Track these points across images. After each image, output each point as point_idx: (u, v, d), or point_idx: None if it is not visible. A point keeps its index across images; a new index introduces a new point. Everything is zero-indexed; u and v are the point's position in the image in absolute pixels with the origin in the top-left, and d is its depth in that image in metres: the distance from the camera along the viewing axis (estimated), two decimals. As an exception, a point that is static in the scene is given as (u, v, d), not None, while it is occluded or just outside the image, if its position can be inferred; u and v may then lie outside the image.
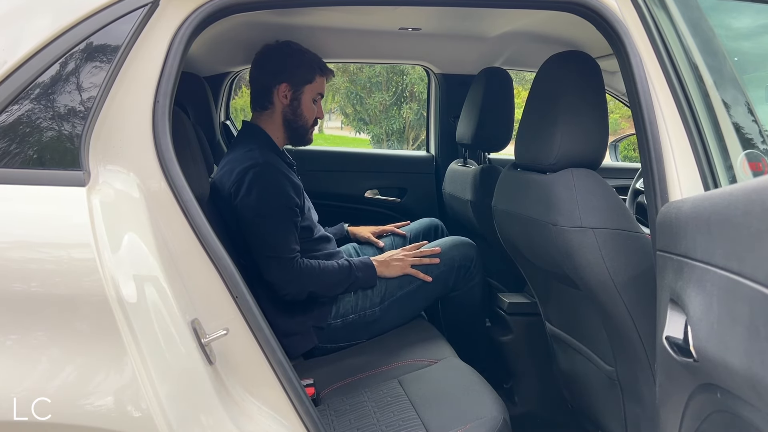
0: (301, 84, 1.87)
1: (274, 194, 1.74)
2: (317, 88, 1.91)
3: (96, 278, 0.88)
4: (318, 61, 1.91)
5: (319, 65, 1.91)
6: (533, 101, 1.42)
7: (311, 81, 1.89)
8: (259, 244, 1.72)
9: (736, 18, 1.33)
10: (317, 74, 1.90)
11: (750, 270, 0.71)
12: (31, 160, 0.97)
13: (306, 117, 1.91)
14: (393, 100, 11.41)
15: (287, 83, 1.86)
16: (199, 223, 1.03)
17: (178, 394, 0.91)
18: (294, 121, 1.90)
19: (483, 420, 1.34)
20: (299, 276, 1.72)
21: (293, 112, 1.89)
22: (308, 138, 1.97)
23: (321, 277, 1.76)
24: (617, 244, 1.22)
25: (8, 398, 0.86)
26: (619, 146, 3.58)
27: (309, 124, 1.93)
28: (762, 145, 1.07)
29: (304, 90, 1.88)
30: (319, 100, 1.94)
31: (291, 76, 1.87)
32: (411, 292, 1.88)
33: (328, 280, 1.78)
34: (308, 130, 1.94)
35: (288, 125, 1.91)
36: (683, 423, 0.94)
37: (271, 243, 1.71)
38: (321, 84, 1.92)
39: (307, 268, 1.74)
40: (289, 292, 1.73)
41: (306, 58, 1.90)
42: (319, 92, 1.92)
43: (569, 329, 1.56)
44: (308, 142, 2.00)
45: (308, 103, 1.90)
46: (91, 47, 1.00)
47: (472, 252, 1.97)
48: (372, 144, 12.11)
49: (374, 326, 1.86)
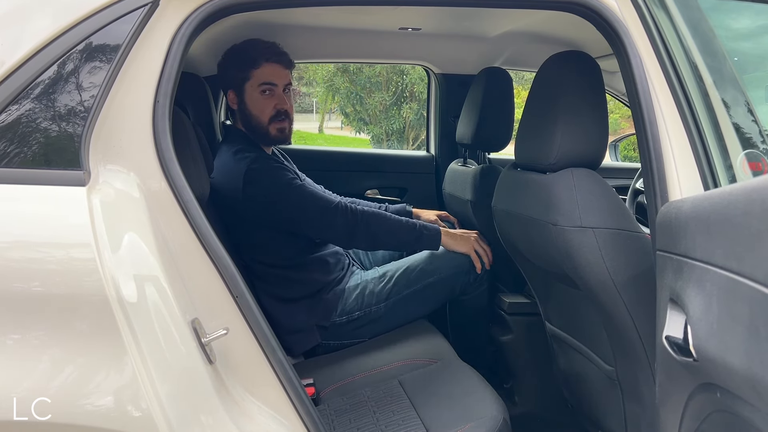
0: (240, 85, 1.80)
1: (280, 176, 1.73)
2: (258, 80, 1.78)
3: (96, 278, 0.88)
4: (251, 55, 1.78)
5: (251, 59, 1.78)
6: (533, 101, 1.42)
7: (248, 78, 1.78)
8: (306, 213, 1.71)
9: (735, 19, 1.33)
10: (250, 69, 1.78)
11: (750, 269, 0.71)
12: (32, 160, 0.97)
13: (256, 115, 1.80)
14: (393, 100, 11.41)
15: (231, 89, 1.83)
16: (199, 222, 1.03)
17: (178, 393, 0.91)
18: (249, 123, 1.83)
19: (483, 420, 1.34)
20: (362, 217, 1.71)
21: (244, 114, 1.83)
22: (273, 135, 1.82)
23: (386, 221, 1.74)
24: (617, 244, 1.22)
25: (8, 398, 0.86)
26: (619, 146, 3.58)
27: (264, 120, 1.81)
28: (762, 145, 1.07)
29: (246, 89, 1.80)
30: (274, 90, 1.80)
31: (229, 81, 1.83)
32: (418, 291, 1.86)
33: (394, 225, 1.75)
34: (266, 128, 1.81)
35: (247, 127, 1.84)
36: (683, 423, 0.94)
37: (314, 203, 1.71)
38: (262, 75, 1.78)
39: (366, 212, 1.73)
40: (359, 239, 1.73)
41: (237, 57, 1.80)
42: (264, 82, 1.78)
43: (569, 329, 1.56)
44: (279, 141, 1.86)
45: (254, 100, 1.80)
46: (91, 47, 1.00)
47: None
48: (372, 144, 12.11)
49: (378, 324, 1.85)
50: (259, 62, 1.79)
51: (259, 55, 1.79)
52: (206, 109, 2.33)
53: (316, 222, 1.72)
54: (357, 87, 11.56)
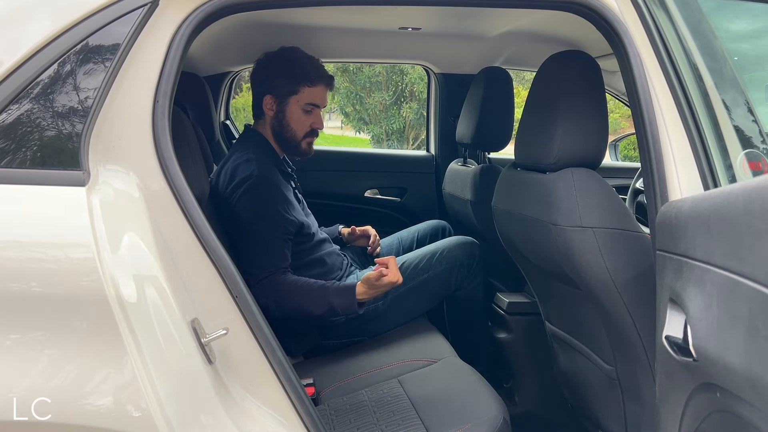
0: (285, 96, 1.83)
1: (263, 209, 1.70)
2: (306, 99, 1.83)
3: (96, 278, 0.88)
4: (307, 72, 1.83)
5: (307, 76, 1.82)
6: (533, 101, 1.42)
7: (296, 92, 1.82)
8: (243, 253, 1.68)
9: (732, 21, 1.33)
10: (303, 85, 1.82)
11: (750, 269, 0.71)
12: (31, 160, 0.97)
13: (293, 129, 1.85)
14: (393, 100, 11.40)
15: (271, 95, 1.83)
16: (198, 222, 1.03)
17: (178, 393, 0.91)
18: (281, 133, 1.86)
19: (483, 419, 1.34)
20: (272, 291, 1.65)
21: (279, 124, 1.85)
22: (302, 149, 1.89)
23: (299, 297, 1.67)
24: (617, 244, 1.22)
25: (8, 398, 0.86)
26: (619, 146, 3.58)
27: (299, 136, 1.86)
28: (762, 145, 1.07)
29: (289, 101, 1.83)
30: (314, 111, 1.86)
31: (273, 88, 1.83)
32: (414, 288, 1.87)
33: (302, 299, 1.66)
34: (299, 142, 1.87)
35: (277, 136, 1.87)
36: (683, 422, 0.94)
37: (248, 258, 1.67)
38: (312, 94, 1.84)
39: (283, 284, 1.66)
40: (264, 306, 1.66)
41: (291, 67, 1.83)
42: (310, 102, 1.84)
43: (569, 329, 1.56)
44: (303, 154, 1.91)
45: (295, 115, 1.84)
46: (91, 47, 1.00)
47: (475, 250, 1.97)
48: (372, 144, 12.10)
49: (377, 323, 1.86)
50: (316, 82, 1.84)
51: (316, 75, 1.84)
52: (206, 109, 2.33)
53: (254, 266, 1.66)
54: (357, 87, 11.55)
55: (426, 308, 1.97)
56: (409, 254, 2.01)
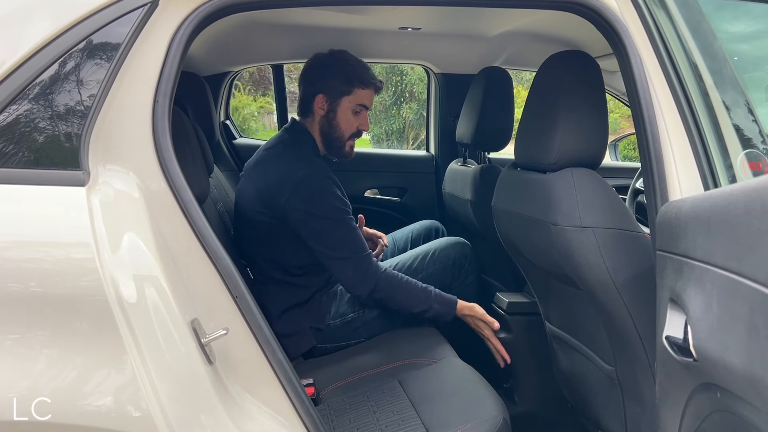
0: (337, 96, 1.87)
1: (333, 199, 1.75)
2: (357, 100, 1.89)
3: (95, 278, 0.88)
4: (359, 74, 1.88)
5: (360, 78, 1.88)
6: (533, 101, 1.41)
7: (348, 93, 1.87)
8: (333, 247, 1.72)
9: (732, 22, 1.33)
10: (356, 86, 1.87)
11: (749, 269, 0.71)
12: (31, 160, 0.97)
13: (342, 128, 1.90)
14: (393, 100, 11.41)
15: (323, 94, 1.87)
16: (198, 223, 1.03)
17: (177, 393, 0.91)
18: (329, 132, 1.90)
19: (483, 419, 1.34)
20: (376, 276, 1.72)
21: (329, 123, 1.89)
22: (345, 151, 1.94)
23: (399, 287, 1.75)
24: (617, 244, 1.22)
25: (8, 398, 0.86)
26: (619, 146, 3.58)
27: (345, 136, 1.91)
28: (762, 145, 1.07)
29: (341, 102, 1.87)
30: (362, 112, 1.92)
31: (326, 87, 1.87)
32: None
33: (405, 292, 1.76)
34: (344, 143, 1.92)
35: (324, 135, 1.91)
36: (683, 422, 0.94)
37: (348, 243, 1.72)
38: (362, 96, 1.89)
39: (386, 273, 1.75)
40: (362, 293, 1.73)
41: (345, 69, 1.88)
42: (360, 104, 1.90)
43: (569, 329, 1.56)
44: (346, 156, 1.96)
45: (345, 115, 1.89)
46: (91, 47, 1.00)
47: (467, 250, 2.00)
48: (372, 144, 12.10)
49: (373, 324, 1.86)
50: (368, 85, 1.90)
51: (368, 77, 1.90)
52: (206, 109, 2.33)
53: (338, 260, 1.73)
54: (357, 87, 11.54)
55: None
56: (402, 255, 2.03)
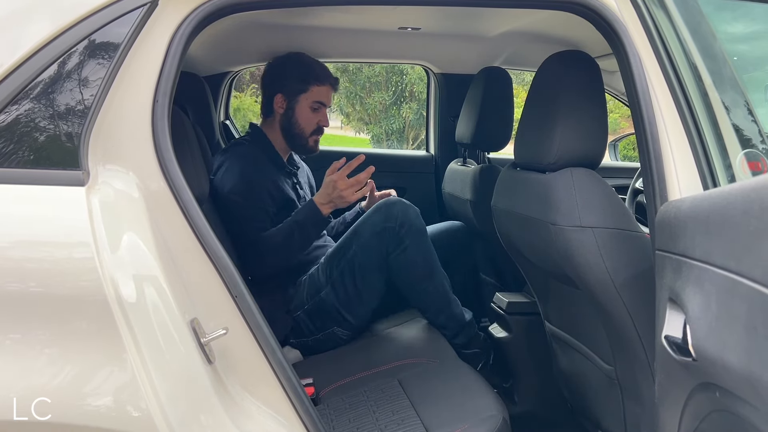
0: (294, 94, 1.97)
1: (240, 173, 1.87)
2: (314, 97, 1.98)
3: (95, 278, 0.88)
4: (315, 71, 1.98)
5: (315, 75, 1.97)
6: (532, 101, 1.42)
7: (305, 90, 1.97)
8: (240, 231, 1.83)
9: (731, 23, 1.33)
10: (312, 84, 1.97)
11: (748, 269, 0.71)
12: (31, 160, 0.97)
13: (302, 125, 1.99)
14: (393, 100, 11.42)
15: (281, 93, 1.98)
16: (198, 222, 1.03)
17: (177, 393, 0.91)
18: (290, 129, 2.00)
19: (482, 419, 1.34)
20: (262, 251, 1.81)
21: (289, 121, 1.99)
22: (309, 146, 2.04)
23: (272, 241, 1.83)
24: (617, 244, 1.22)
25: (8, 398, 0.86)
26: (618, 146, 3.58)
27: (306, 132, 2.00)
28: (761, 145, 1.07)
29: (299, 99, 1.97)
30: (321, 109, 2.01)
31: (284, 87, 1.98)
32: (347, 268, 1.79)
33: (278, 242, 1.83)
34: (307, 139, 2.01)
35: (285, 133, 2.02)
36: (682, 422, 0.94)
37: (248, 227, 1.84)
38: (319, 93, 1.98)
39: (263, 239, 1.83)
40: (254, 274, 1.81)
41: (301, 68, 1.98)
42: (317, 101, 1.99)
43: (569, 329, 1.56)
44: (310, 151, 2.06)
45: (304, 112, 1.98)
46: (90, 47, 1.00)
47: (394, 210, 1.79)
48: (372, 144, 12.10)
49: (332, 311, 1.81)
50: (324, 82, 2.00)
51: (324, 75, 2.01)
52: (206, 109, 2.33)
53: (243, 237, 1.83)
54: (357, 87, 11.56)
55: (373, 284, 1.83)
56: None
